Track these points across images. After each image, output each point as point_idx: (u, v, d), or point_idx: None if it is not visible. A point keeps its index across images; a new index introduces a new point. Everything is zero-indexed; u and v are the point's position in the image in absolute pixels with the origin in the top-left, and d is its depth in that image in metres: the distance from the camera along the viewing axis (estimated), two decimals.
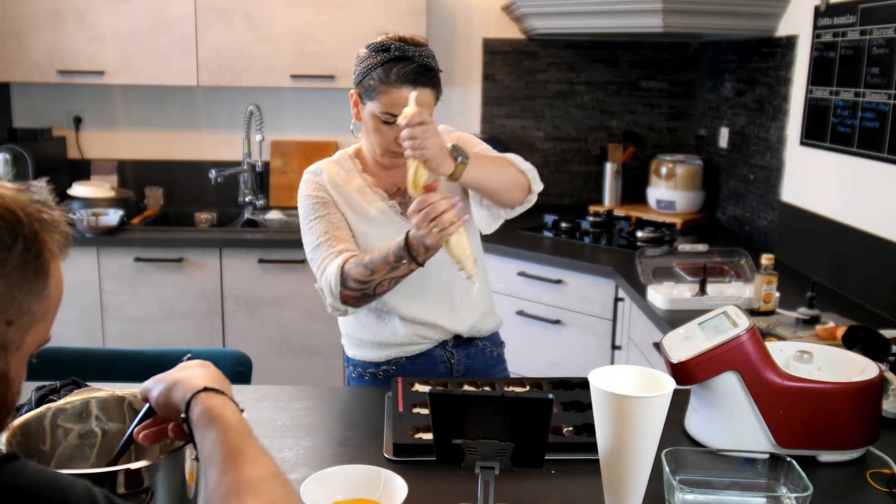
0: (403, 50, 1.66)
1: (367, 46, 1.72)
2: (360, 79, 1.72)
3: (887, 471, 1.39)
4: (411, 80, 1.66)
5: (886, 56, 2.41)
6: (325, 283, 1.68)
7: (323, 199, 1.78)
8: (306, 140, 4.02)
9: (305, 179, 1.83)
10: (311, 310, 3.49)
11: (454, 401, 1.13)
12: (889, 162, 2.40)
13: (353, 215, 1.79)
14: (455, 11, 3.92)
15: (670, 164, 3.66)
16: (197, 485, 1.05)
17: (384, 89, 1.66)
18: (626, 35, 3.72)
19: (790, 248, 3.01)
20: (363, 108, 1.74)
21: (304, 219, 1.80)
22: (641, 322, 2.69)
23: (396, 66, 1.65)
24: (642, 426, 1.13)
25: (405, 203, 1.80)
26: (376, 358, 1.85)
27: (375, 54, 1.69)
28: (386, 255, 1.61)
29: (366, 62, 1.70)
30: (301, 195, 1.82)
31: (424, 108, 1.58)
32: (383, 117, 1.69)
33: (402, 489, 1.18)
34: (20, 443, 1.03)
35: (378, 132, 1.73)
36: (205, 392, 0.97)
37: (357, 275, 1.64)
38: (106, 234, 3.41)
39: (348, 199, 1.79)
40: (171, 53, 3.55)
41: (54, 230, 0.90)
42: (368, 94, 1.70)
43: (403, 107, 1.62)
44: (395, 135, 1.68)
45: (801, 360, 1.51)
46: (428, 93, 1.68)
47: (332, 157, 1.88)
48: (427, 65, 1.68)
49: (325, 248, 1.73)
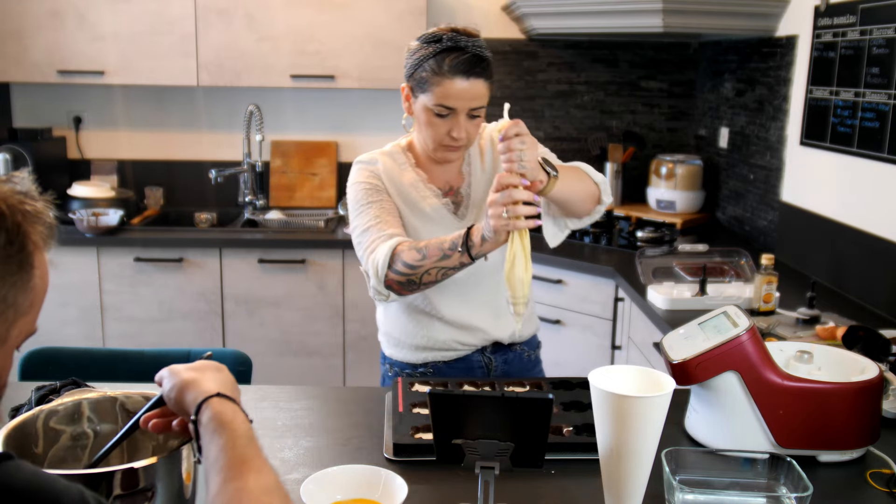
0: (456, 40, 1.62)
1: (418, 38, 1.68)
2: (412, 71, 1.67)
3: (887, 471, 1.39)
4: (464, 71, 1.61)
5: (886, 56, 2.41)
6: (372, 263, 1.63)
7: (376, 186, 1.74)
8: (306, 140, 4.02)
9: (357, 168, 1.79)
10: (311, 310, 3.49)
11: (454, 401, 1.13)
12: (889, 162, 2.40)
13: (405, 208, 1.75)
14: (455, 11, 3.92)
15: (670, 164, 3.66)
16: (195, 485, 1.05)
17: (437, 80, 1.62)
18: (626, 35, 3.72)
19: (790, 248, 3.01)
20: (415, 102, 1.69)
21: (354, 204, 1.75)
22: (641, 322, 2.69)
23: (449, 57, 1.61)
24: (642, 426, 1.13)
25: (458, 203, 1.78)
26: (413, 360, 1.83)
27: (427, 45, 1.64)
28: (441, 242, 1.58)
29: (417, 54, 1.66)
30: (352, 182, 1.77)
31: (518, 121, 1.49)
32: (436, 110, 1.64)
33: (402, 489, 1.18)
34: (15, 445, 1.03)
35: (431, 125, 1.67)
36: (217, 398, 0.97)
37: (408, 258, 1.58)
38: (106, 234, 3.41)
39: (402, 192, 1.76)
40: (171, 53, 3.55)
41: (38, 222, 0.87)
42: (421, 86, 1.65)
43: (457, 98, 1.60)
44: (447, 128, 1.66)
45: (801, 360, 1.51)
46: (482, 83, 1.64)
47: (384, 149, 1.83)
48: (480, 54, 1.63)
49: (376, 231, 1.68)
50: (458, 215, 1.78)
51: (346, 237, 3.45)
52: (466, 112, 1.65)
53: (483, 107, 1.68)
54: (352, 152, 4.04)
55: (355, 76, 3.61)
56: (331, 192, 4.00)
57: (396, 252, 1.60)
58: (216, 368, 1.05)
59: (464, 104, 1.64)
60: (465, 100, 1.63)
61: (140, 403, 1.13)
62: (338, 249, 3.44)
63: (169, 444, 1.14)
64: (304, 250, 3.44)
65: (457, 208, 1.78)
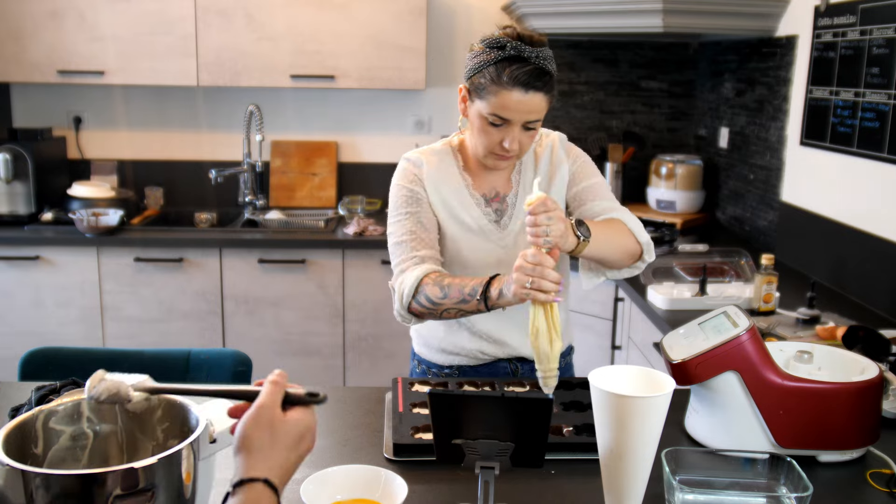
0: (519, 49, 1.55)
1: (481, 41, 1.61)
2: (471, 74, 1.61)
3: (887, 471, 1.39)
4: (524, 83, 1.55)
5: (886, 56, 2.41)
6: (399, 287, 1.65)
7: (416, 194, 1.72)
8: (306, 140, 4.02)
9: (403, 167, 1.76)
10: (311, 310, 3.49)
11: (454, 401, 1.13)
12: (889, 162, 2.40)
13: (446, 216, 1.73)
14: (455, 11, 3.92)
15: (670, 164, 3.66)
16: (194, 485, 1.05)
17: (495, 90, 1.56)
18: (626, 35, 3.72)
19: (790, 248, 3.01)
20: (471, 105, 1.64)
21: (393, 209, 1.74)
22: (641, 322, 2.69)
23: (510, 67, 1.55)
24: (642, 426, 1.13)
25: (501, 210, 1.75)
26: (441, 361, 1.83)
27: (489, 51, 1.58)
28: (462, 286, 1.57)
29: (479, 58, 1.59)
30: (395, 183, 1.75)
31: (546, 197, 1.44)
32: (490, 118, 1.59)
33: (402, 489, 1.17)
34: (15, 445, 1.03)
35: (484, 132, 1.63)
36: (255, 484, 0.89)
37: (431, 293, 1.60)
38: (106, 234, 3.41)
39: (444, 200, 1.73)
40: (171, 53, 3.55)
41: None
42: (478, 92, 1.60)
43: (514, 110, 1.56)
44: (501, 137, 1.61)
45: (801, 360, 1.51)
46: (541, 97, 1.58)
47: (435, 147, 1.79)
48: (543, 67, 1.56)
49: (408, 250, 1.68)
50: (500, 225, 1.74)
51: (345, 237, 3.45)
52: (522, 124, 1.60)
53: (539, 120, 1.62)
54: (352, 152, 4.05)
55: (355, 76, 3.61)
56: (331, 192, 4.00)
57: (422, 283, 1.62)
58: (296, 440, 0.95)
59: (520, 117, 1.59)
60: (522, 112, 1.58)
61: (140, 404, 1.12)
62: (338, 249, 3.44)
63: (169, 444, 1.14)
64: (304, 250, 3.44)
65: (500, 217, 1.75)
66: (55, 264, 3.41)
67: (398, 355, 3.54)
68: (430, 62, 3.88)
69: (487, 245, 1.72)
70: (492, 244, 1.73)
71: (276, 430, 0.94)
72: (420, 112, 4.01)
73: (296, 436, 0.95)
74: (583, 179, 1.77)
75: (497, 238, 1.73)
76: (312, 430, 0.98)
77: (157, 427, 1.13)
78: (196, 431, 1.03)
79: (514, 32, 1.58)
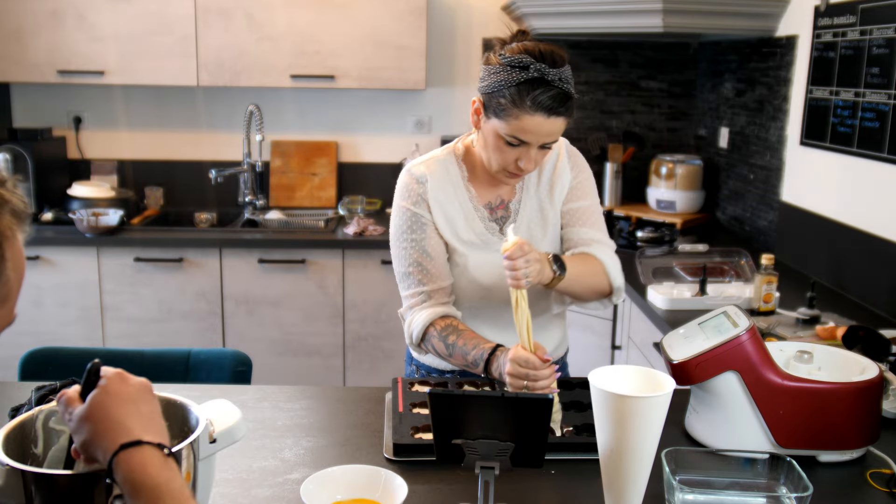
0: (543, 72, 1.49)
1: (501, 55, 1.54)
2: (489, 91, 1.55)
3: (887, 471, 1.39)
4: (547, 108, 1.51)
5: (886, 56, 2.41)
6: (408, 327, 1.70)
7: (420, 218, 1.69)
8: (306, 140, 4.02)
9: (406, 183, 1.71)
10: (310, 310, 3.49)
11: (454, 401, 1.12)
12: (889, 162, 2.40)
13: (450, 235, 1.71)
14: (455, 11, 3.92)
15: (670, 164, 3.66)
16: (194, 485, 1.05)
17: (515, 113, 1.51)
18: (626, 35, 3.72)
19: (790, 248, 3.01)
20: (485, 121, 1.59)
21: (396, 231, 1.72)
22: (641, 322, 2.69)
23: (534, 91, 1.50)
24: (642, 426, 1.13)
25: (505, 217, 1.74)
26: (440, 366, 1.83)
27: (511, 70, 1.51)
28: (465, 353, 1.59)
29: (498, 75, 1.53)
30: (398, 203, 1.72)
31: (523, 241, 1.47)
32: (508, 139, 1.55)
33: (402, 489, 1.17)
34: (15, 445, 1.03)
35: (499, 151, 1.59)
36: (122, 452, 0.84)
37: (437, 347, 1.65)
38: (106, 234, 3.41)
39: (448, 218, 1.71)
40: (171, 53, 3.55)
41: (3, 210, 0.82)
42: (496, 111, 1.54)
43: (534, 133, 1.52)
44: (516, 156, 1.58)
45: (801, 360, 1.51)
46: (562, 121, 1.55)
47: (440, 156, 1.74)
48: (567, 92, 1.53)
49: (414, 283, 1.69)
50: (503, 233, 1.72)
51: (345, 237, 3.45)
52: (539, 144, 1.58)
53: (557, 140, 1.60)
54: (352, 152, 4.05)
55: (355, 76, 3.61)
56: (331, 192, 4.00)
57: (428, 332, 1.66)
58: (114, 396, 0.88)
59: (539, 139, 1.56)
60: (542, 135, 1.55)
61: None
62: (338, 249, 3.44)
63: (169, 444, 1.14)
64: (304, 250, 3.44)
65: (503, 224, 1.74)
66: (55, 264, 3.41)
67: (398, 355, 3.54)
68: (430, 62, 3.88)
69: (493, 257, 1.71)
70: (496, 255, 1.70)
71: (92, 406, 0.88)
72: (420, 112, 4.01)
73: (109, 391, 0.89)
74: (579, 198, 1.77)
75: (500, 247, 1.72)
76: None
77: None
78: (196, 431, 1.03)
79: (535, 50, 1.52)
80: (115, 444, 0.85)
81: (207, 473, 1.13)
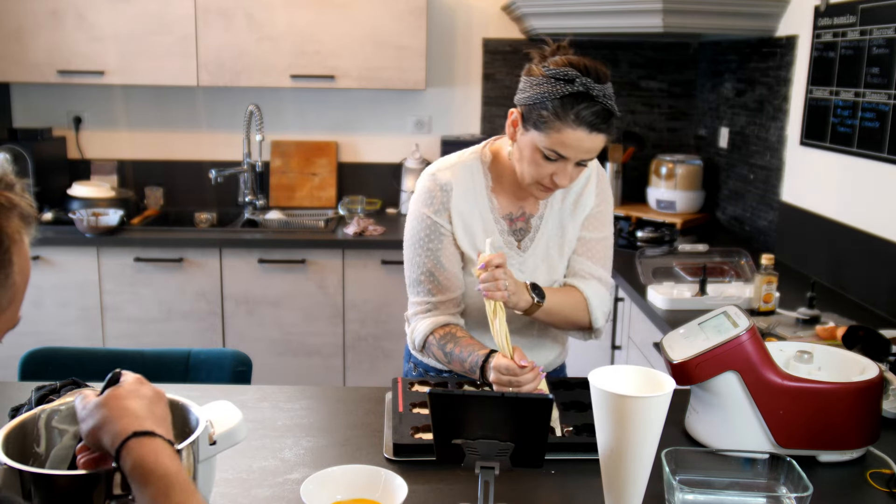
0: (588, 87, 1.47)
1: (545, 66, 1.51)
2: (530, 103, 1.52)
3: (887, 471, 1.39)
4: (590, 124, 1.48)
5: (886, 56, 2.41)
6: (410, 331, 1.72)
7: (439, 228, 1.67)
8: (306, 140, 4.02)
9: (429, 189, 1.68)
10: (310, 310, 3.49)
11: (454, 401, 1.12)
12: (889, 162, 2.40)
13: (468, 246, 1.69)
14: (455, 11, 3.92)
15: (670, 164, 3.66)
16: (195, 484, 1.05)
17: (557, 126, 1.48)
18: (626, 35, 3.72)
19: (790, 248, 3.01)
20: (523, 133, 1.56)
21: (412, 236, 1.70)
22: (641, 322, 2.69)
23: (578, 106, 1.47)
24: (642, 426, 1.13)
25: (524, 230, 1.72)
26: (438, 365, 1.82)
27: (556, 82, 1.48)
28: (462, 360, 1.59)
29: (541, 87, 1.50)
30: (419, 209, 1.69)
31: (503, 253, 1.51)
32: (546, 152, 1.53)
33: (402, 489, 1.17)
34: (16, 445, 1.03)
35: (535, 164, 1.56)
36: (134, 439, 0.86)
37: (437, 354, 1.67)
38: (106, 234, 3.41)
39: (468, 228, 1.68)
40: (171, 53, 3.55)
41: (12, 214, 0.81)
42: (536, 123, 1.51)
43: (573, 148, 1.50)
44: (552, 171, 1.55)
45: (801, 360, 1.51)
46: (603, 138, 1.52)
47: (465, 160, 1.70)
48: (610, 108, 1.50)
49: (423, 292, 1.69)
50: (521, 247, 1.71)
51: (345, 237, 3.45)
52: (577, 160, 1.55)
53: (594, 158, 1.59)
54: (352, 152, 4.05)
55: (355, 76, 3.61)
56: (331, 191, 4.00)
57: (428, 341, 1.68)
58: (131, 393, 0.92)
59: (578, 155, 1.53)
60: (581, 151, 1.52)
61: None
62: (338, 249, 3.44)
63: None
64: (304, 250, 3.44)
65: (521, 237, 1.72)
66: (55, 264, 3.41)
67: (398, 355, 3.54)
68: (430, 62, 3.88)
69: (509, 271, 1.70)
70: (511, 269, 1.70)
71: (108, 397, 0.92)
72: (420, 112, 4.01)
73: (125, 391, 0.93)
74: (594, 229, 1.75)
75: (517, 262, 1.71)
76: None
77: None
78: (196, 432, 1.03)
79: (580, 63, 1.50)
80: (127, 430, 0.87)
81: (208, 475, 1.13)
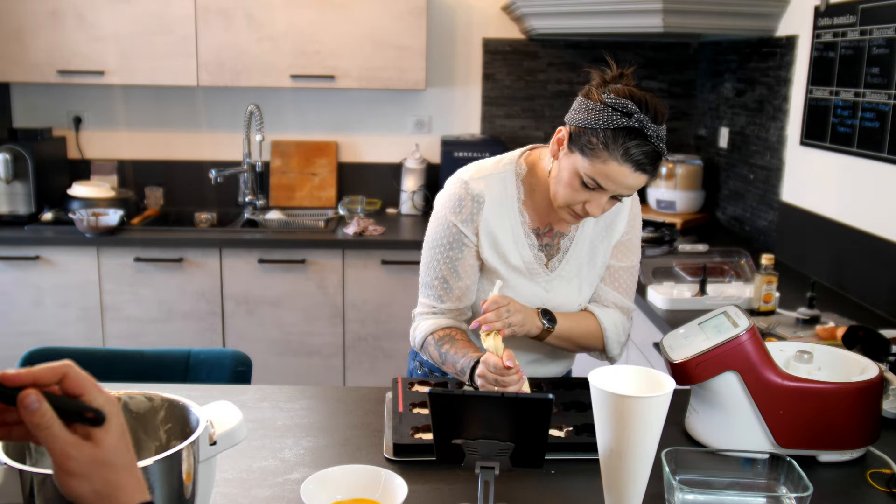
0: (644, 125, 1.44)
1: (605, 91, 1.50)
2: (581, 125, 1.49)
3: (887, 471, 1.39)
4: (637, 162, 1.45)
5: (886, 56, 2.41)
6: (413, 331, 1.75)
7: (463, 239, 1.65)
8: (306, 140, 4.02)
9: (459, 197, 1.65)
10: (310, 310, 3.49)
11: (454, 401, 1.12)
12: (889, 162, 2.40)
13: (495, 258, 1.67)
14: (455, 11, 3.92)
15: (670, 164, 3.66)
16: (194, 485, 1.05)
17: (604, 156, 1.45)
18: (626, 35, 3.72)
19: (790, 248, 3.01)
20: (567, 154, 1.53)
21: (434, 240, 1.68)
22: (641, 322, 2.69)
23: (630, 142, 1.44)
24: (642, 426, 1.13)
25: (553, 248, 1.70)
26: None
27: (613, 112, 1.45)
28: (455, 362, 1.61)
29: (597, 113, 1.47)
30: (445, 215, 1.66)
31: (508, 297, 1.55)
32: (586, 179, 1.50)
33: (402, 489, 1.17)
34: (16, 445, 1.02)
35: (571, 188, 1.53)
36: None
37: (432, 355, 1.68)
38: (106, 234, 3.40)
39: (495, 241, 1.66)
40: (171, 53, 3.55)
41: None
42: (583, 148, 1.48)
43: (614, 182, 1.47)
44: (586, 199, 1.52)
45: (801, 360, 1.51)
46: (645, 179, 1.49)
47: (500, 170, 1.66)
48: (660, 151, 1.46)
49: (433, 297, 1.70)
50: (548, 267, 1.70)
51: (345, 237, 3.45)
52: (614, 194, 1.52)
53: (631, 195, 1.56)
54: (352, 152, 4.05)
55: (355, 76, 3.61)
56: (331, 191, 4.00)
57: (427, 341, 1.69)
58: (112, 459, 0.80)
59: (617, 189, 1.50)
60: (622, 187, 1.49)
61: (143, 404, 1.12)
62: (338, 249, 3.44)
63: (171, 445, 1.14)
64: (304, 250, 3.44)
65: (550, 256, 1.70)
66: (55, 264, 3.41)
67: (398, 355, 3.54)
68: (430, 62, 3.88)
69: (532, 286, 1.69)
70: (537, 286, 1.69)
71: (84, 467, 0.80)
72: (420, 112, 4.01)
73: (100, 457, 0.81)
74: (622, 257, 1.74)
75: (544, 280, 1.70)
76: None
77: (160, 428, 1.13)
78: (196, 432, 1.03)
79: (642, 98, 1.47)
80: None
81: (208, 475, 1.13)
